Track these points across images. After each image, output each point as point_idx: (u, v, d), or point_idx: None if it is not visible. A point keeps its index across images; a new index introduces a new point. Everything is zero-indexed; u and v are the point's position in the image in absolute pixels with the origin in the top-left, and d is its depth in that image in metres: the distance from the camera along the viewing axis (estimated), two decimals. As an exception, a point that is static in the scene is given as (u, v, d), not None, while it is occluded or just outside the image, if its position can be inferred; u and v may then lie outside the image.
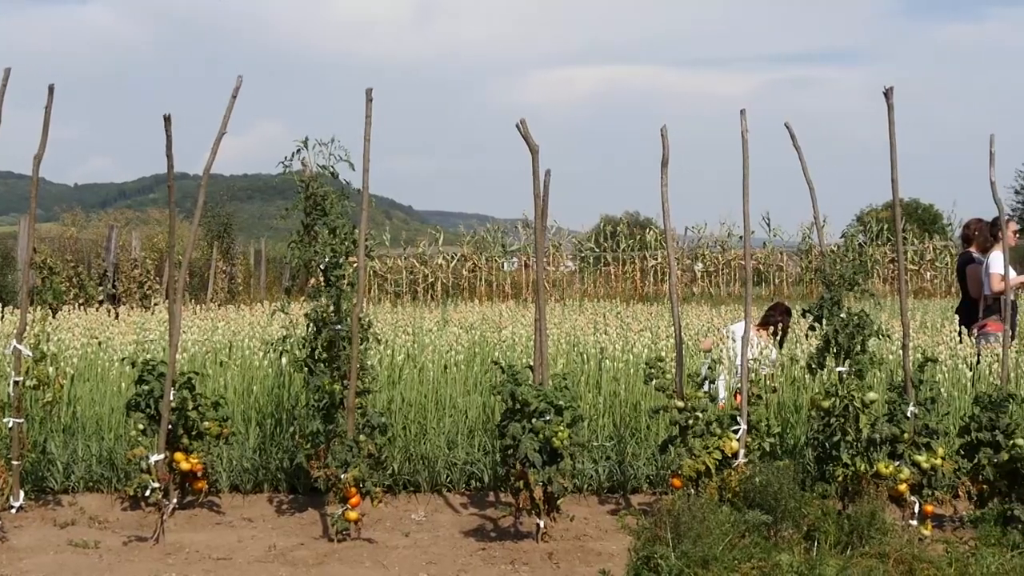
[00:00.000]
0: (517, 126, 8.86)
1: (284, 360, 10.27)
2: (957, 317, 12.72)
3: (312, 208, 9.17)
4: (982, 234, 13.46)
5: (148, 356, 10.15)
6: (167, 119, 8.64)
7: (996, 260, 13.00)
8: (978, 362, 11.32)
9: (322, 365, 9.18)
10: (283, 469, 10.12)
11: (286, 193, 9.62)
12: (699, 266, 44.91)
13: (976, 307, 13.35)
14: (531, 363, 9.09)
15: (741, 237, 9.66)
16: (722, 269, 44.56)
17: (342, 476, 8.54)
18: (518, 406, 8.41)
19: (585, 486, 10.13)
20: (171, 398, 8.79)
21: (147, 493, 8.53)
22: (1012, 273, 12.33)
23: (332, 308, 9.13)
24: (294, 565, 8.05)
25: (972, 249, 13.65)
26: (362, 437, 8.77)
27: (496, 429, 8.84)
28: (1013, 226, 13.32)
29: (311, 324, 9.23)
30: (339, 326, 9.09)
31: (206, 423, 9.16)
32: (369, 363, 9.47)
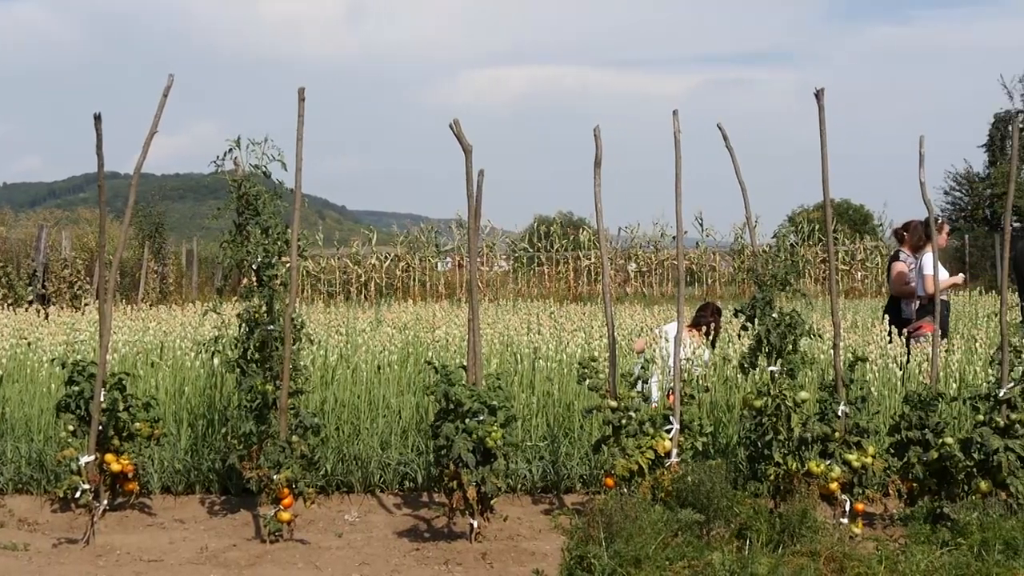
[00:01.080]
0: (450, 126, 8.86)
1: (216, 361, 10.20)
2: (887, 317, 12.83)
3: (244, 208, 9.13)
4: (916, 234, 13.59)
5: (78, 357, 10.05)
6: (97, 117, 8.56)
7: (928, 261, 13.13)
8: (908, 361, 11.43)
9: (254, 366, 9.14)
10: (215, 470, 10.06)
11: (218, 193, 9.57)
12: (632, 266, 45.09)
13: (898, 304, 13.48)
14: (464, 363, 9.09)
15: (674, 237, 9.70)
16: (655, 269, 44.76)
17: (275, 477, 8.51)
18: (451, 406, 8.41)
19: (519, 486, 10.14)
20: (102, 399, 8.71)
21: (77, 495, 8.45)
22: (944, 273, 12.48)
23: (264, 308, 9.09)
24: (226, 567, 8.01)
25: (903, 248, 13.78)
26: (295, 438, 8.73)
27: (430, 429, 8.83)
28: (945, 227, 13.47)
29: (243, 324, 9.19)
30: (272, 326, 9.05)
31: (137, 424, 9.09)
32: (302, 363, 9.43)
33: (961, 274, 13.92)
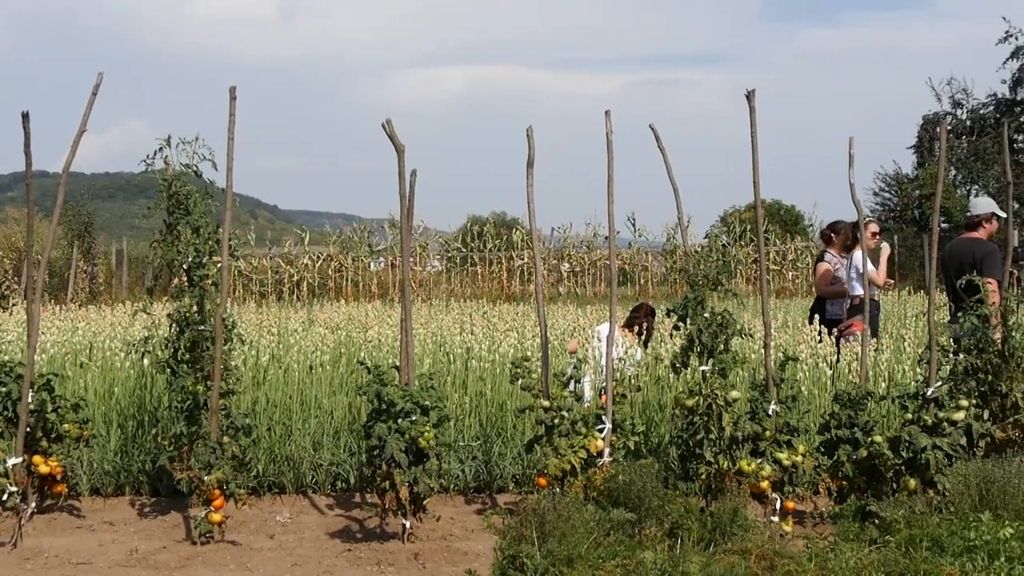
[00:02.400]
0: (383, 126, 8.83)
1: (146, 361, 10.13)
2: (816, 316, 12.94)
3: (175, 207, 9.06)
4: (845, 234, 13.70)
5: (5, 357, 9.94)
6: (25, 116, 8.47)
7: (858, 260, 13.25)
8: (838, 360, 11.53)
9: (185, 366, 9.07)
10: (145, 472, 9.99)
11: (149, 192, 9.49)
12: (565, 266, 45.18)
13: (823, 305, 13.60)
14: (397, 363, 9.07)
15: (607, 237, 9.74)
16: (588, 269, 44.88)
17: (205, 478, 8.45)
18: (384, 406, 8.39)
19: (452, 486, 10.14)
20: (29, 400, 8.62)
21: (4, 497, 8.35)
22: (871, 269, 12.60)
23: (195, 308, 9.03)
24: (156, 569, 7.95)
25: (829, 249, 13.90)
26: (226, 439, 8.68)
27: (362, 430, 8.80)
28: (873, 227, 13.60)
29: (174, 324, 9.12)
30: (203, 326, 8.99)
31: (66, 425, 9.00)
32: (233, 364, 9.37)
33: (890, 280, 14.07)
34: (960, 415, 8.61)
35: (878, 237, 13.70)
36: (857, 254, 13.24)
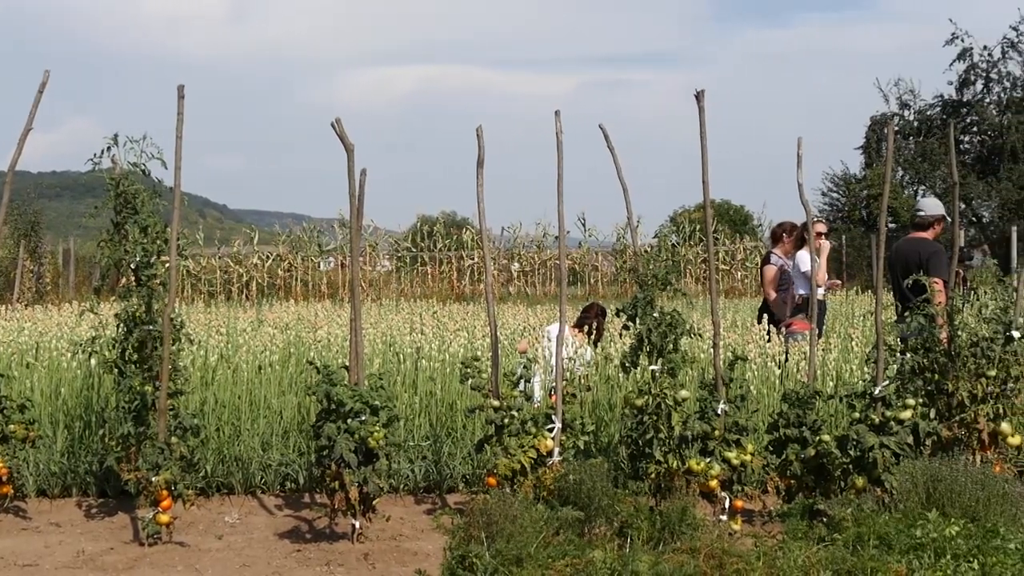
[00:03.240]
0: (332, 125, 8.80)
1: (94, 361, 10.05)
2: (764, 316, 13.01)
3: (123, 206, 8.99)
4: (796, 234, 13.79)
5: (-49, 358, 9.86)
6: (-30, 114, 8.39)
7: (803, 260, 13.34)
8: (786, 360, 11.59)
9: (133, 366, 9.01)
10: (93, 472, 9.92)
11: (96, 191, 9.42)
12: (515, 266, 45.21)
13: (768, 305, 13.70)
14: (347, 363, 9.05)
15: (557, 237, 9.76)
16: (538, 269, 44.92)
17: (153, 479, 8.40)
18: (333, 406, 8.36)
19: (401, 486, 10.12)
20: (-25, 401, 8.55)
21: (-51, 499, 8.28)
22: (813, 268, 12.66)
23: (143, 308, 8.96)
24: (103, 570, 7.90)
25: (774, 250, 13.98)
26: (174, 439, 8.63)
27: (311, 430, 8.78)
28: (820, 227, 13.67)
29: (122, 324, 9.05)
30: (150, 326, 8.93)
31: (11, 426, 8.94)
32: (181, 364, 9.31)
33: (837, 281, 14.15)
34: (907, 414, 8.67)
35: (823, 239, 13.76)
36: (802, 254, 13.33)
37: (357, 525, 8.51)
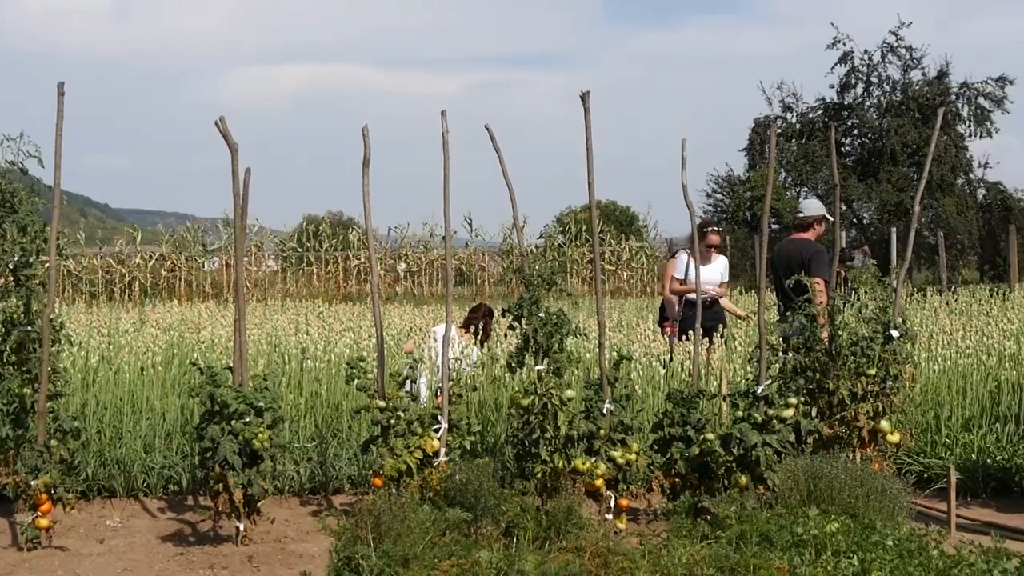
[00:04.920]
0: (216, 124, 8.71)
1: (-30, 363, 9.86)
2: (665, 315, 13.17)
3: (0, 206, 8.84)
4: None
5: None
6: None
7: (679, 263, 13.50)
8: (671, 359, 11.69)
9: (11, 368, 8.84)
10: (-31, 477, 9.72)
11: (-29, 190, 9.23)
12: (402, 266, 45.12)
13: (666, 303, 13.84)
14: (231, 364, 8.97)
15: (443, 237, 9.76)
16: (425, 269, 44.88)
17: (32, 483, 8.26)
18: (217, 408, 8.29)
19: (286, 488, 10.05)
20: None
21: None
22: (709, 274, 12.79)
23: (22, 309, 8.80)
24: (-20, 576, 7.76)
25: (687, 248, 14.13)
26: (54, 442, 8.49)
27: (195, 432, 8.69)
28: (714, 239, 13.79)
29: (-1, 326, 8.89)
30: (29, 327, 8.77)
31: None
32: (61, 366, 9.16)
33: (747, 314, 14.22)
34: (789, 412, 8.78)
35: (714, 251, 13.84)
36: (679, 256, 13.51)
37: (241, 527, 8.44)
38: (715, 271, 13.65)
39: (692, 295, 11.71)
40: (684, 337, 12.37)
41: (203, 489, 8.74)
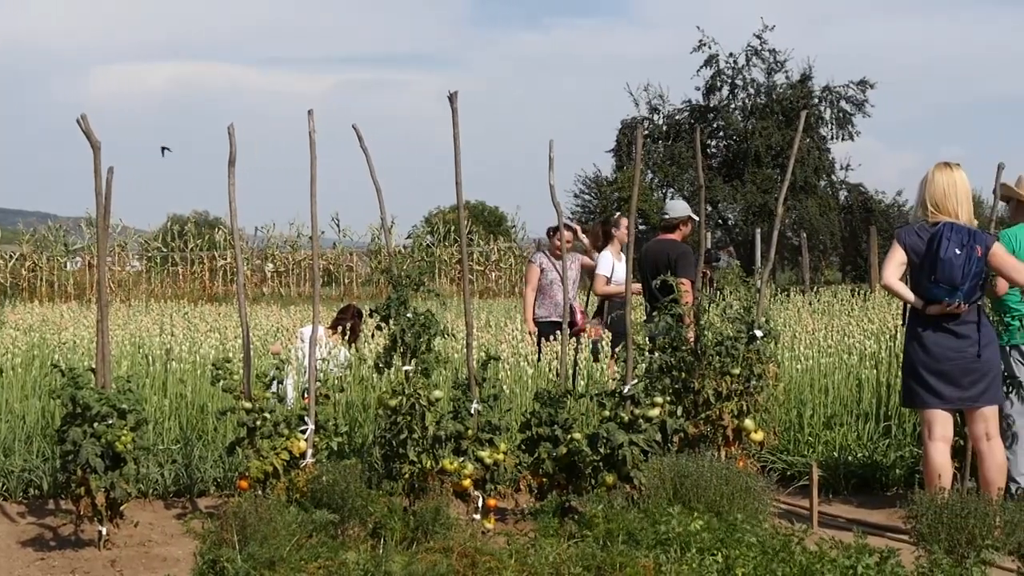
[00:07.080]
0: (78, 121, 8.57)
1: None
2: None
3: None
4: (593, 232, 14.01)
5: None
6: None
7: (602, 261, 13.50)
8: (539, 359, 11.74)
9: None
10: None
11: None
12: (269, 266, 44.86)
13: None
14: (94, 366, 8.83)
15: (311, 237, 9.72)
16: (292, 269, 44.67)
17: None
18: (79, 410, 8.15)
19: (151, 491, 9.90)
20: None
21: None
22: (620, 273, 12.85)
23: None
24: None
25: (544, 250, 14.18)
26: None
27: (56, 434, 8.53)
28: (623, 222, 13.83)
29: None
30: None
31: None
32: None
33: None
34: (655, 412, 8.85)
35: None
36: (603, 254, 13.52)
37: (104, 531, 8.31)
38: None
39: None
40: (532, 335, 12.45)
41: (65, 493, 8.60)
